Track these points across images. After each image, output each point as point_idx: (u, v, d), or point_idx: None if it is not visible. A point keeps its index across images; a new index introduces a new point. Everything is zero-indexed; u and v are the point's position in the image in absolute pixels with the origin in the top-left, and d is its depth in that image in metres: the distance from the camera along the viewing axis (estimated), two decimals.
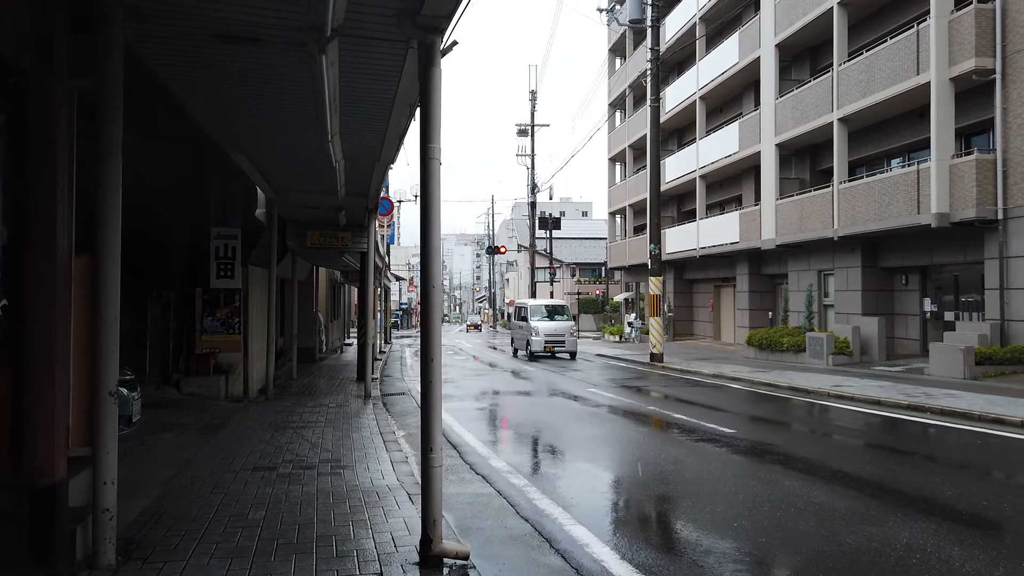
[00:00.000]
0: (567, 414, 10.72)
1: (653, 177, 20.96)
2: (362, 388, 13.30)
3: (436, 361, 3.84)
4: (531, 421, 10.15)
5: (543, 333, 22.90)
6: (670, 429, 9.12)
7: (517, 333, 25.33)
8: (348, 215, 13.49)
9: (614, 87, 40.37)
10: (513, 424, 10.01)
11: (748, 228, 24.68)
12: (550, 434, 9.07)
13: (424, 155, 3.79)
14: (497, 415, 11.04)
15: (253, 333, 12.11)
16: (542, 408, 11.37)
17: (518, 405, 11.76)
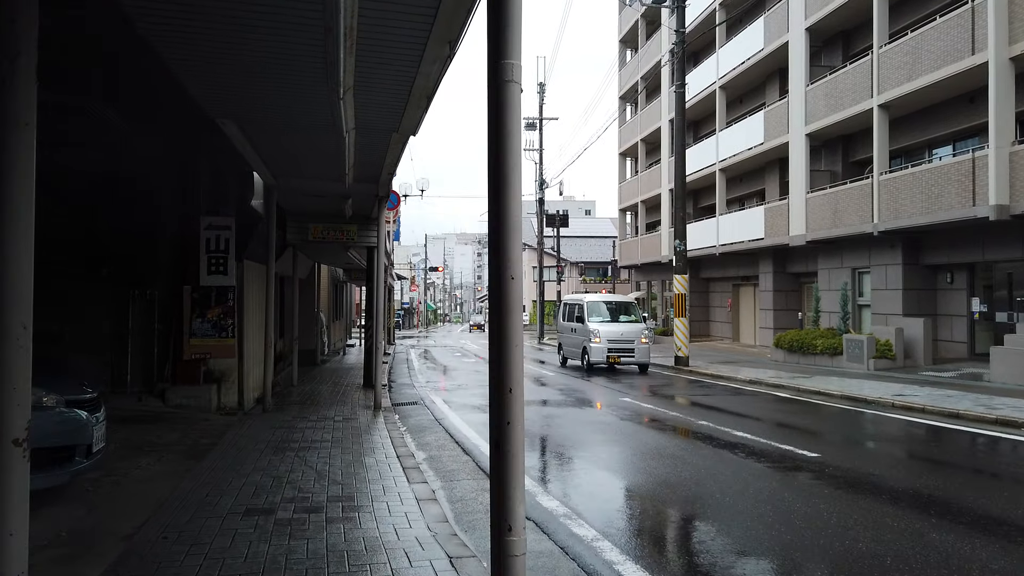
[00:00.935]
0: (608, 431, 9.38)
1: (678, 167, 19.62)
2: (370, 397, 11.97)
3: (517, 391, 2.51)
4: (566, 439, 8.81)
5: (606, 338, 17.98)
6: (742, 453, 7.78)
7: (568, 338, 20.08)
8: (355, 205, 12.16)
9: (625, 80, 39.04)
10: (549, 443, 8.67)
11: (774, 223, 23.34)
12: (599, 461, 7.72)
13: (496, 76, 2.47)
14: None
15: (249, 336, 10.79)
16: (574, 422, 10.03)
17: (543, 417, 10.42)
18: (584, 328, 18.63)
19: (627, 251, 38.80)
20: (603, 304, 19.75)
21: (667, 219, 32.79)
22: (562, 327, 21.11)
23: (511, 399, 2.46)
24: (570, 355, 19.89)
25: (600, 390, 13.94)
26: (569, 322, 20.04)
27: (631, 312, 19.77)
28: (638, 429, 9.35)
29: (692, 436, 8.75)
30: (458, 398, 12.82)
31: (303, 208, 12.80)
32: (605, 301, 20.22)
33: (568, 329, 20.05)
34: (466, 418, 10.29)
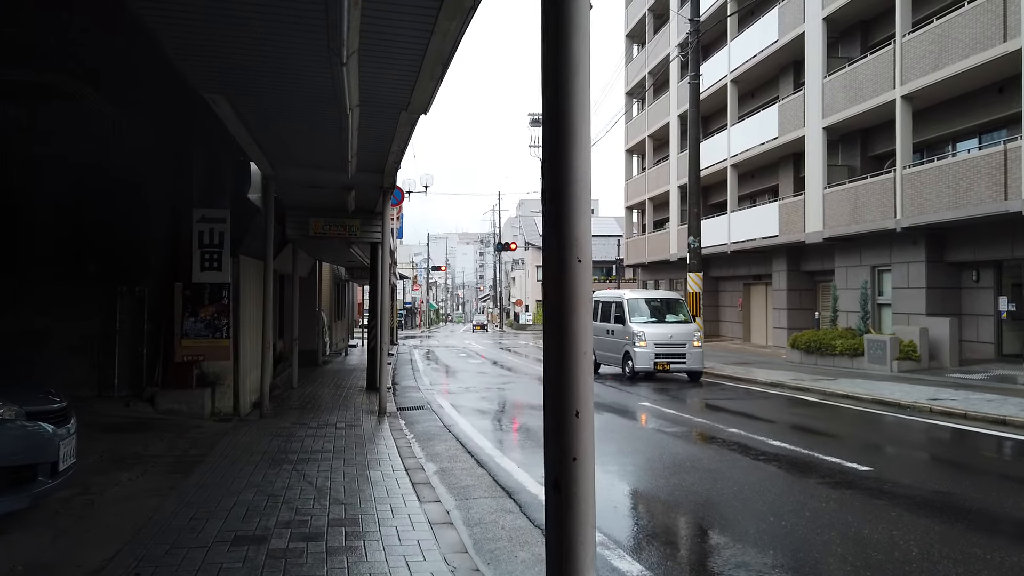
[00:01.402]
0: (631, 437, 8.72)
1: (693, 160, 18.93)
2: (374, 400, 11.31)
3: (585, 415, 1.84)
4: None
5: (652, 341, 15.36)
6: (785, 466, 7.11)
7: (605, 342, 16.78)
8: (358, 198, 11.49)
9: (632, 75, 38.35)
10: None
11: (789, 220, 22.65)
12: (625, 474, 7.05)
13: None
14: (533, 437, 9.02)
15: (246, 336, 10.13)
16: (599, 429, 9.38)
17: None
18: (625, 330, 15.95)
19: (634, 249, 38.11)
20: (645, 301, 17.15)
21: (676, 216, 32.12)
22: (595, 328, 16.89)
23: (578, 426, 1.79)
24: (605, 360, 17.07)
25: (612, 392, 13.27)
26: (604, 322, 17.04)
27: (678, 310, 17.00)
28: (664, 438, 8.67)
29: (725, 446, 8.07)
30: (466, 402, 12.16)
31: (303, 202, 12.16)
32: (648, 298, 17.62)
33: (602, 331, 16.91)
34: (477, 424, 9.62)
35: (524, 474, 6.66)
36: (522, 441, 8.54)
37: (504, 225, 76.96)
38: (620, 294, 17.65)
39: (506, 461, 7.14)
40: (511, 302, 75.40)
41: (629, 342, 15.78)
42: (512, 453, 7.63)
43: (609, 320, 16.94)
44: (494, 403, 12.00)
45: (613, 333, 16.58)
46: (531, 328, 60.77)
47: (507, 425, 9.57)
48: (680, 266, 32.43)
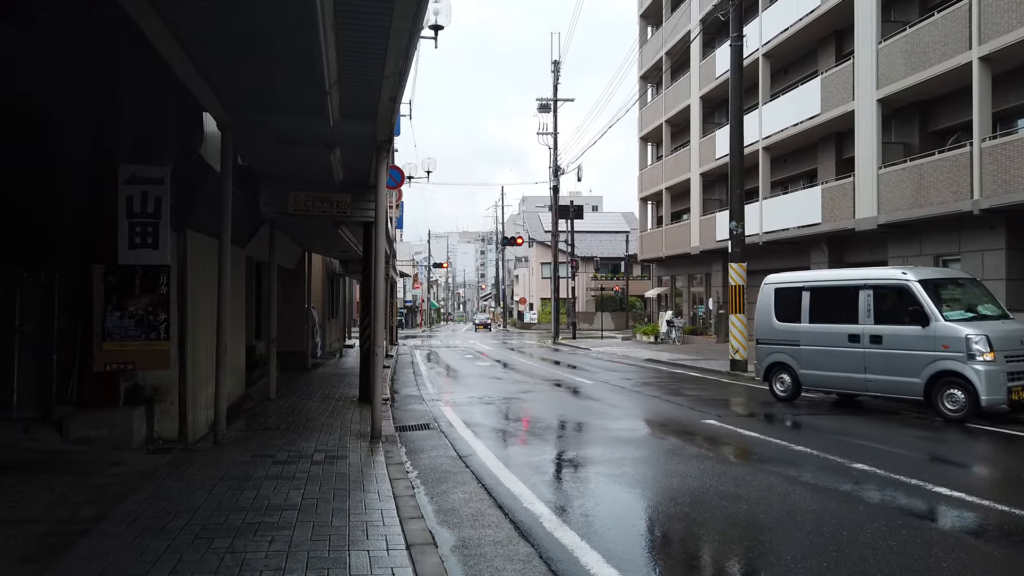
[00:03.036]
0: (726, 483, 6.34)
1: (735, 134, 16.56)
2: (367, 418, 8.95)
3: None
4: (672, 516, 5.77)
5: (1001, 352, 9.01)
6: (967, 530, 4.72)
7: (851, 357, 10.31)
8: (347, 162, 9.13)
9: (647, 58, 35.97)
10: (658, 525, 5.60)
11: (835, 206, 20.26)
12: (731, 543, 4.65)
13: None
14: (589, 477, 6.62)
15: (196, 337, 7.76)
16: (612, 439, 7.01)
17: (617, 465, 7.36)
18: (930, 334, 9.32)
19: (649, 243, 35.71)
20: (947, 283, 10.42)
21: (697, 206, 29.75)
22: (790, 334, 11.10)
23: None
24: (818, 383, 10.85)
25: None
26: (835, 324, 10.57)
27: (985, 299, 10.38)
28: (753, 474, 6.30)
29: (835, 482, 5.69)
30: (483, 418, 9.78)
31: (280, 170, 9.79)
32: (945, 278, 10.65)
33: (835, 339, 10.47)
34: (504, 454, 7.23)
35: (603, 563, 4.22)
36: (577, 486, 6.07)
37: (507, 222, 74.63)
38: (888, 275, 10.37)
39: (567, 533, 4.69)
40: (514, 301, 73.04)
41: (947, 355, 9.12)
42: (572, 511, 5.22)
43: (863, 318, 10.17)
44: (518, 420, 9.60)
45: (882, 341, 9.88)
46: (536, 327, 58.39)
47: (546, 457, 7.16)
48: (703, 260, 30.08)
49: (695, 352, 23.02)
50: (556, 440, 8.00)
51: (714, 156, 27.99)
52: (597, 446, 7.57)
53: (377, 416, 7.73)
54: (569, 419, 9.47)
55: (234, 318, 10.15)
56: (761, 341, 11.80)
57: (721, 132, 27.69)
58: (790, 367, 11.16)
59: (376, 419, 7.73)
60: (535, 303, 65.51)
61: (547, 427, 9.01)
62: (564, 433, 8.43)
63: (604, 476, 6.19)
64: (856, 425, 8.97)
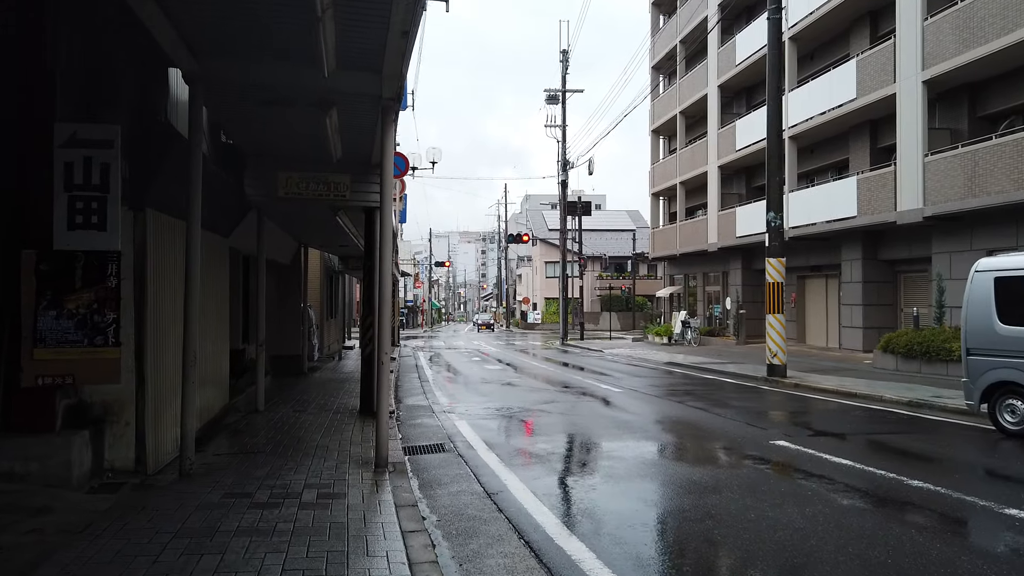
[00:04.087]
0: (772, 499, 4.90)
1: (773, 117, 15.08)
2: (370, 437, 7.53)
3: None
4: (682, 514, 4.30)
5: None
6: None
7: None
8: (346, 134, 7.68)
9: (659, 47, 34.53)
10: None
11: (873, 198, 18.79)
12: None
13: None
14: (668, 532, 5.16)
15: (160, 342, 6.29)
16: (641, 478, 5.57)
17: (674, 499, 5.89)
18: None
19: (662, 241, 34.24)
20: None
21: (715, 201, 28.30)
22: None
23: None
24: None
25: (700, 417, 9.46)
26: None
27: None
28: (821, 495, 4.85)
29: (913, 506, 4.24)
30: (506, 435, 8.32)
31: (267, 144, 8.34)
32: None
33: None
34: (545, 491, 5.74)
35: None
36: (659, 548, 4.55)
37: (509, 220, 73.17)
38: None
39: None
40: (517, 300, 71.58)
41: None
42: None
43: None
44: (548, 439, 8.13)
45: None
46: (540, 327, 56.95)
47: (600, 496, 5.64)
48: (720, 257, 28.64)
49: (717, 355, 21.56)
50: (605, 471, 6.51)
51: (734, 147, 26.54)
52: (656, 480, 6.10)
53: (383, 438, 6.26)
54: (610, 440, 7.99)
55: (214, 318, 8.71)
56: (975, 351, 8.62)
57: (742, 122, 26.26)
58: (1004, 386, 8.19)
59: (382, 442, 6.26)
60: (539, 303, 64.11)
61: (589, 450, 7.52)
62: (612, 461, 6.94)
63: (695, 536, 4.69)
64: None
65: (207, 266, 8.44)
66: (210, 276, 8.63)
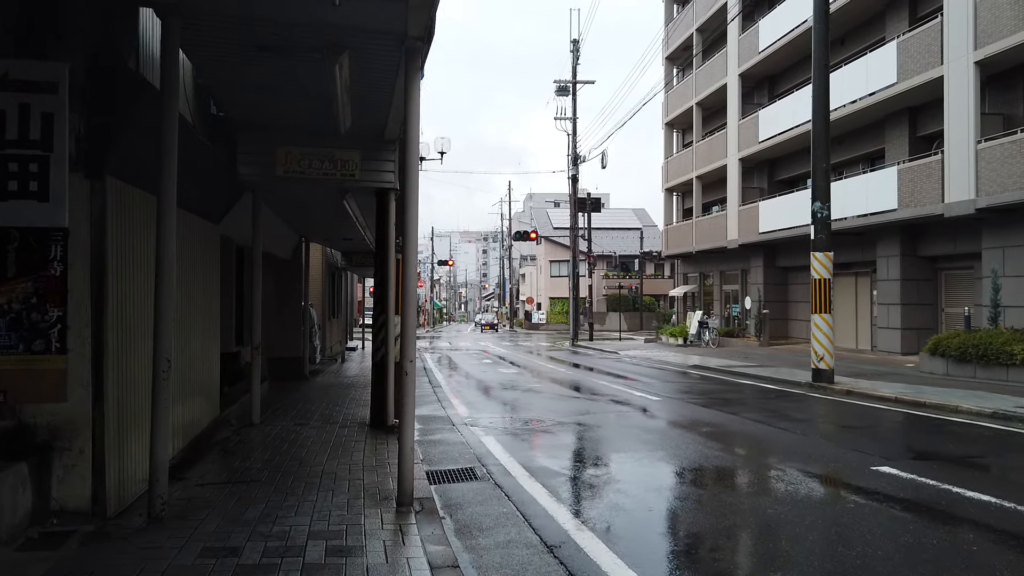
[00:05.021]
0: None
1: (819, 97, 13.80)
2: (382, 455, 6.30)
3: None
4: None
5: None
6: None
7: None
8: (357, 99, 6.38)
9: (674, 37, 33.22)
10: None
11: (916, 189, 17.50)
12: None
13: None
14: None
15: (126, 347, 4.99)
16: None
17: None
18: None
19: (676, 238, 32.93)
20: None
21: (735, 195, 27.01)
22: None
23: None
24: None
25: (763, 432, 8.18)
26: None
27: None
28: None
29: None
30: (548, 457, 7.03)
31: (263, 111, 7.06)
32: None
33: None
34: (620, 540, 4.43)
35: None
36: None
37: (511, 219, 71.89)
38: None
39: None
40: (520, 300, 70.31)
41: None
42: None
43: None
44: (601, 464, 6.82)
45: None
46: (544, 328, 55.68)
47: (706, 548, 4.39)
48: (740, 255, 27.32)
49: (742, 357, 20.27)
50: (691, 513, 5.21)
51: (757, 139, 25.25)
52: (781, 532, 4.81)
53: (407, 468, 4.97)
54: (674, 465, 6.70)
55: (202, 317, 7.44)
56: None
57: (766, 112, 24.97)
58: None
59: (405, 473, 4.97)
60: (543, 302, 62.91)
61: (653, 480, 6.21)
62: (686, 502, 5.64)
63: None
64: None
65: (194, 256, 7.17)
66: (197, 267, 7.36)
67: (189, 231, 7.12)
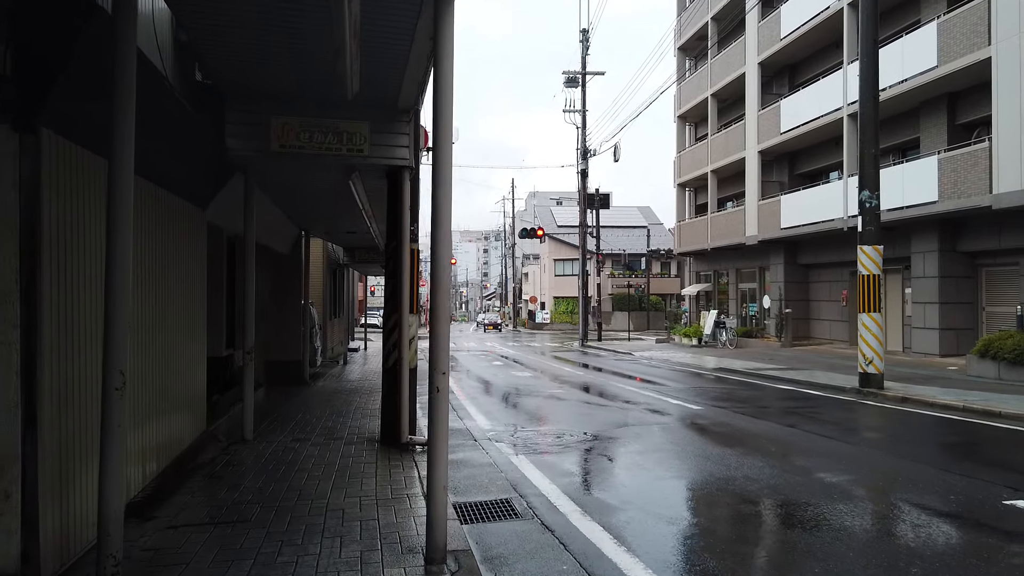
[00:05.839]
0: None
1: (867, 76, 12.62)
2: (399, 483, 5.16)
3: None
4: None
5: None
6: None
7: None
8: (368, 53, 5.23)
9: (686, 26, 32.07)
10: None
11: (960, 179, 16.35)
12: None
13: None
14: None
15: (62, 354, 3.83)
16: None
17: None
18: None
19: (690, 234, 31.77)
20: None
21: (754, 189, 25.87)
22: None
23: None
24: None
25: (843, 450, 7.04)
26: None
27: None
28: None
29: None
30: (600, 485, 5.89)
31: (255, 71, 5.89)
32: None
33: None
34: None
35: None
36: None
37: (514, 217, 70.72)
38: None
39: None
40: (523, 299, 69.17)
41: None
42: None
43: None
44: (673, 494, 5.68)
45: None
46: (549, 327, 54.57)
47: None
48: (759, 251, 26.15)
49: (766, 359, 19.12)
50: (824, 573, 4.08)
51: (778, 130, 24.09)
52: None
53: (439, 515, 3.80)
54: (765, 498, 5.54)
55: (184, 316, 6.29)
56: None
57: (788, 101, 23.83)
58: None
59: (438, 520, 3.80)
60: (547, 302, 61.80)
61: (744, 516, 5.06)
62: (807, 548, 4.49)
63: None
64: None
65: (175, 244, 6.03)
66: (179, 258, 6.21)
67: (169, 214, 5.98)
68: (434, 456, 3.84)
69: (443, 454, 3.84)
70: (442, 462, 3.82)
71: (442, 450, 3.84)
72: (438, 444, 3.84)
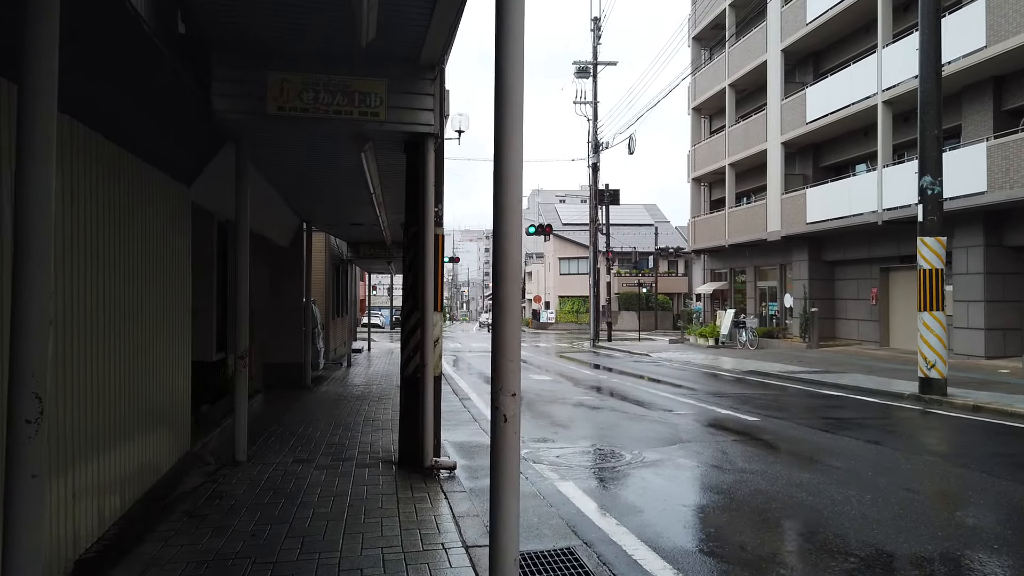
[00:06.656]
0: None
1: (929, 50, 11.50)
2: (432, 537, 3.96)
3: None
4: None
5: None
6: None
7: None
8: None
9: (701, 14, 30.89)
10: None
11: (1011, 168, 15.18)
12: None
13: None
14: None
15: None
16: None
17: None
18: None
19: (705, 230, 30.59)
20: None
21: (777, 183, 24.68)
22: None
23: None
24: None
25: (962, 475, 5.89)
26: None
27: None
28: None
29: None
30: (681, 521, 4.74)
31: (249, 15, 4.72)
32: None
33: None
34: None
35: None
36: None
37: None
38: None
39: None
40: (527, 299, 68.01)
41: None
42: None
43: None
44: (775, 540, 4.53)
45: None
46: (554, 327, 53.43)
47: None
48: (781, 248, 24.95)
49: (796, 361, 17.95)
50: None
51: (804, 120, 22.91)
52: None
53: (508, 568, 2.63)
54: (893, 544, 4.39)
55: (160, 314, 5.12)
56: None
57: (814, 89, 22.64)
58: None
59: (503, 564, 2.64)
60: (552, 301, 60.62)
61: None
62: None
63: None
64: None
65: (152, 226, 4.87)
66: (157, 244, 5.05)
67: (142, 188, 4.81)
68: (500, 521, 2.66)
69: (513, 515, 2.67)
70: (512, 532, 2.65)
71: (512, 510, 2.67)
72: (505, 502, 2.66)
